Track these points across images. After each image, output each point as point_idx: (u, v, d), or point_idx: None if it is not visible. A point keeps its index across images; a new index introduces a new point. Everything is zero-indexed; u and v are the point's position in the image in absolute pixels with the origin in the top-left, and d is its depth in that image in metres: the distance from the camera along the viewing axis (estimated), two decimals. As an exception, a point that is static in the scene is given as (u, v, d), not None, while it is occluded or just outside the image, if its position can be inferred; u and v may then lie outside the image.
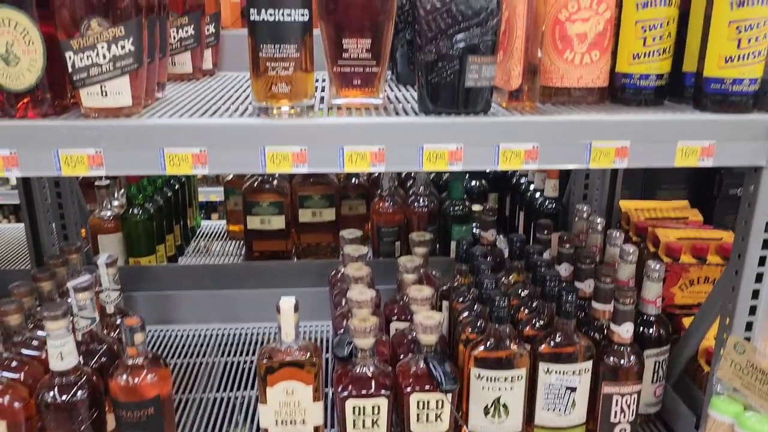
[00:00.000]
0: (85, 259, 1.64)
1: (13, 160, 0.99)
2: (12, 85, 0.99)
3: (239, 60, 1.71)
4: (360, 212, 2.28)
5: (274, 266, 2.00)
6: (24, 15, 0.96)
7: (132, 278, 1.85)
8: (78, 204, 1.90)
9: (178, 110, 1.11)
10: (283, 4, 0.99)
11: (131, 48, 1.00)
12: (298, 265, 2.04)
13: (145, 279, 1.91)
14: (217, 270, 1.98)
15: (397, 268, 1.50)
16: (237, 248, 2.32)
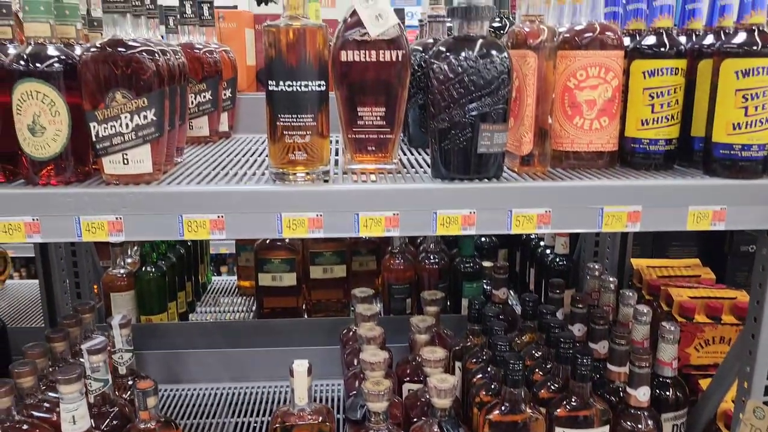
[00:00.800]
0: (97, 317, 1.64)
1: (35, 227, 1.01)
2: (37, 153, 1.02)
3: (254, 122, 1.77)
4: (370, 268, 2.28)
5: (285, 324, 2.00)
6: (51, 87, 1.00)
7: (143, 336, 1.85)
8: (92, 261, 1.92)
9: (196, 176, 1.14)
10: (300, 77, 1.03)
11: (153, 118, 1.03)
12: (309, 322, 2.04)
13: (156, 337, 1.90)
14: (228, 327, 1.97)
15: (409, 328, 1.50)
16: (248, 304, 2.32)
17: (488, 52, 1.04)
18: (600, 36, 1.12)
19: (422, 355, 1.32)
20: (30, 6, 1.00)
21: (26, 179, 1.06)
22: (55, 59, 1.01)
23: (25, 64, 1.00)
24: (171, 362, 1.86)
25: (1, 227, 1.00)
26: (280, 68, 1.03)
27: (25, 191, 1.01)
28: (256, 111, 1.79)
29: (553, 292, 1.57)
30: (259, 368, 1.87)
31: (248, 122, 1.75)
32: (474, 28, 1.05)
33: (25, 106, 1.00)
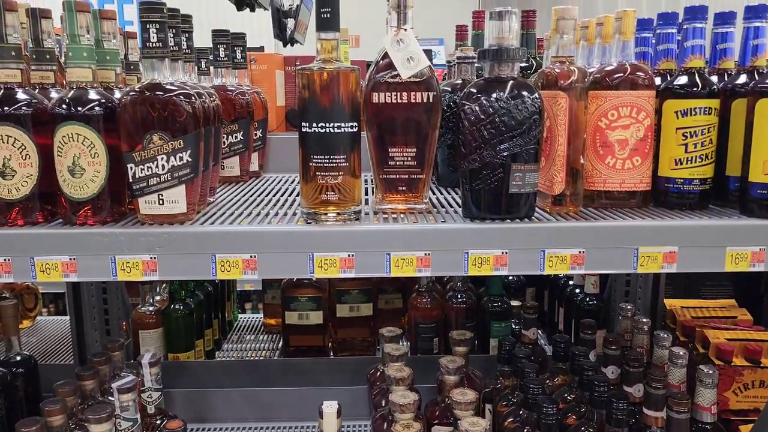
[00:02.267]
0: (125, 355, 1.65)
1: (72, 266, 1.02)
2: (76, 194, 1.05)
3: (283, 161, 1.80)
4: (396, 306, 2.26)
5: (311, 363, 1.98)
6: (91, 130, 1.03)
7: (170, 374, 1.84)
8: (122, 298, 1.93)
9: (228, 215, 1.15)
10: (333, 118, 1.04)
11: (189, 159, 1.05)
12: (336, 361, 2.02)
13: (183, 375, 1.90)
14: (255, 366, 1.96)
15: (438, 368, 1.48)
16: (273, 342, 2.31)
17: (519, 93, 1.04)
18: (631, 76, 1.12)
19: (453, 397, 1.30)
20: (74, 52, 1.04)
21: (64, 219, 1.08)
22: (95, 103, 1.04)
23: (67, 107, 1.03)
24: (197, 401, 1.85)
25: (39, 266, 1.02)
26: (314, 110, 1.04)
27: (62, 231, 1.03)
28: (286, 150, 1.83)
29: (584, 332, 1.54)
30: (286, 408, 1.85)
31: (277, 161, 1.78)
32: (505, 69, 1.05)
33: (66, 148, 1.03)
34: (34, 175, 1.05)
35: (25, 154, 1.03)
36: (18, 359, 1.54)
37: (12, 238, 1.02)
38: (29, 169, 1.04)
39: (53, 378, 1.64)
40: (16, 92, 1.05)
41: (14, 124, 1.02)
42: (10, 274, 1.02)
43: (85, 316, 1.74)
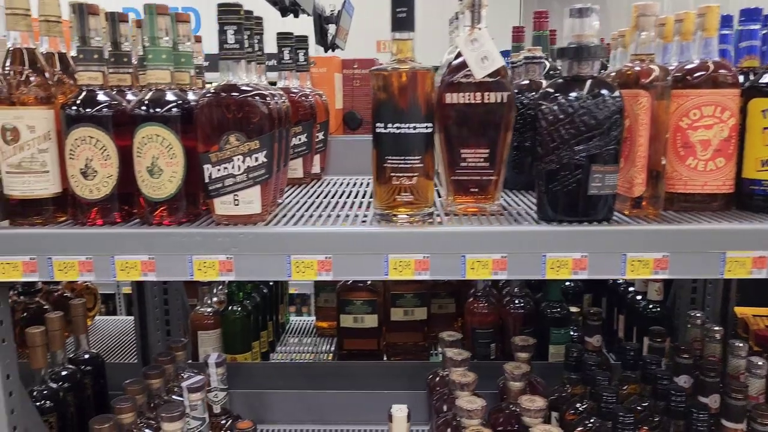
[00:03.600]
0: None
1: (150, 266, 1.04)
2: (154, 194, 1.06)
3: (341, 164, 1.80)
4: (449, 311, 2.24)
5: (367, 366, 1.97)
6: (170, 131, 1.04)
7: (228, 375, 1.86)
8: (181, 299, 1.96)
9: (299, 217, 1.15)
10: (408, 119, 1.03)
11: (264, 160, 1.05)
12: (391, 365, 2.00)
13: (241, 376, 1.91)
14: (310, 369, 1.97)
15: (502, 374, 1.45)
16: (326, 345, 2.31)
17: (600, 92, 1.02)
18: (714, 74, 1.08)
19: (521, 405, 1.27)
20: (153, 54, 1.05)
21: (142, 219, 1.10)
22: (173, 104, 1.05)
23: (147, 109, 1.05)
24: (254, 402, 1.86)
25: (120, 265, 1.03)
26: (389, 110, 1.04)
27: (142, 231, 1.05)
28: (344, 153, 1.83)
29: (653, 341, 1.50)
30: (342, 411, 1.85)
31: (336, 164, 1.78)
32: (585, 67, 1.03)
33: (146, 149, 1.04)
34: (114, 176, 1.06)
35: (106, 154, 1.05)
36: (86, 357, 1.57)
37: (93, 237, 1.04)
38: (110, 169, 1.06)
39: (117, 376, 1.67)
40: (97, 94, 1.07)
41: (96, 125, 1.04)
42: (91, 272, 1.04)
43: (148, 317, 1.76)
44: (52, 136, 1.06)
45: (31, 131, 1.04)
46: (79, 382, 1.50)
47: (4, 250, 1.03)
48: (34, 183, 1.05)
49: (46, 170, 1.06)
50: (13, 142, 1.03)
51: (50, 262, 1.03)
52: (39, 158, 1.05)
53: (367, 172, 1.84)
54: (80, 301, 1.57)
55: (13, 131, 1.03)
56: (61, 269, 1.04)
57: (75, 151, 1.04)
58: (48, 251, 1.03)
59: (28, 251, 1.03)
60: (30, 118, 1.04)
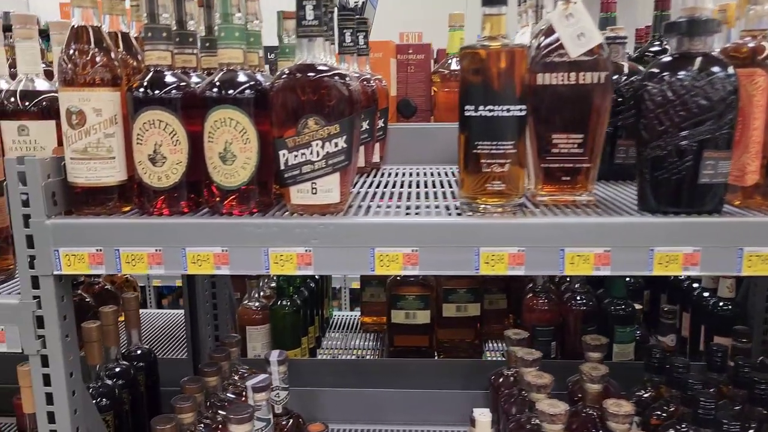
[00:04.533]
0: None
1: (224, 258, 0.97)
2: (226, 182, 0.99)
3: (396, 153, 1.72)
4: (500, 307, 2.17)
5: (420, 364, 1.90)
6: (243, 114, 0.97)
7: (278, 372, 1.80)
8: (228, 293, 1.90)
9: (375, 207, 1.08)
10: (501, 100, 0.95)
11: (344, 145, 0.98)
12: (446, 363, 1.93)
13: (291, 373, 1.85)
14: (362, 366, 1.90)
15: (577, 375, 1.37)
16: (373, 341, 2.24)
17: (712, 71, 0.93)
18: (837, 51, 0.98)
19: (607, 409, 1.19)
20: (226, 32, 0.98)
21: (211, 208, 1.03)
22: (246, 86, 0.98)
23: (219, 91, 0.98)
24: (306, 400, 1.79)
25: (191, 257, 0.97)
26: (481, 91, 0.96)
27: (214, 221, 0.98)
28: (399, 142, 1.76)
29: (738, 341, 1.40)
30: (398, 410, 1.78)
31: (393, 153, 1.70)
32: (697, 44, 0.94)
33: (218, 133, 0.97)
34: (184, 162, 1.00)
35: (176, 139, 0.98)
36: (138, 353, 1.52)
37: (163, 227, 0.97)
38: (179, 155, 0.99)
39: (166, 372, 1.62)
40: (165, 75, 1.00)
41: (166, 108, 0.97)
42: (161, 265, 0.97)
43: (199, 311, 1.71)
44: (119, 120, 1.00)
45: (97, 114, 0.97)
46: (133, 378, 1.44)
47: (70, 240, 0.97)
48: (100, 170, 0.99)
49: (112, 156, 1.00)
50: (79, 126, 0.97)
51: (118, 253, 0.97)
52: (105, 143, 0.99)
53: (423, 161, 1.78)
54: (133, 295, 1.51)
55: (78, 114, 0.97)
56: (129, 261, 0.97)
57: (143, 135, 0.98)
58: (116, 242, 0.97)
59: (94, 242, 0.97)
60: (96, 100, 0.97)
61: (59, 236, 0.97)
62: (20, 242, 0.98)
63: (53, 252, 0.97)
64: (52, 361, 1.01)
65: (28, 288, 0.99)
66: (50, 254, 0.98)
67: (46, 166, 0.97)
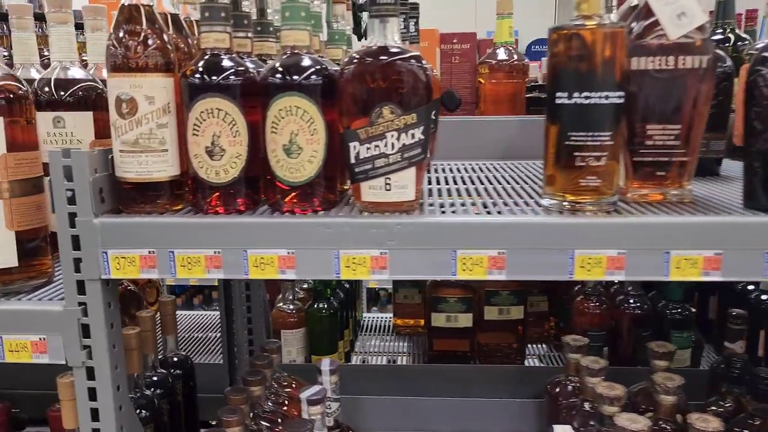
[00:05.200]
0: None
1: (289, 261, 0.88)
2: (290, 177, 0.90)
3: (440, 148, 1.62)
4: (542, 309, 2.08)
5: (463, 370, 1.81)
6: (311, 103, 0.88)
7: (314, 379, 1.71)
8: (262, 295, 1.81)
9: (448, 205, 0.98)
10: (599, 86, 0.86)
11: (421, 137, 0.88)
12: (491, 370, 1.83)
13: (328, 379, 1.76)
14: (404, 372, 1.81)
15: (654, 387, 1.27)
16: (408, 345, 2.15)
17: (837, 54, 0.83)
18: None
19: (694, 425, 1.10)
20: (291, 12, 0.89)
21: (271, 206, 0.94)
22: (312, 71, 0.89)
23: (282, 76, 0.89)
24: (348, 408, 1.69)
25: (253, 261, 0.88)
26: (575, 76, 0.86)
27: (278, 220, 0.89)
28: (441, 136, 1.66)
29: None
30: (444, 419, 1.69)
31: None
32: (821, 23, 0.84)
33: (282, 123, 0.88)
34: (243, 155, 0.91)
35: (235, 130, 0.89)
36: (175, 360, 1.43)
37: (223, 227, 0.88)
38: (238, 148, 0.90)
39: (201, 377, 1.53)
40: (223, 59, 0.91)
41: (225, 96, 0.88)
42: (220, 269, 0.88)
43: (235, 314, 1.62)
44: (172, 109, 0.91)
45: (149, 103, 0.88)
46: (171, 387, 1.36)
47: (120, 241, 0.88)
48: (152, 164, 0.90)
49: (165, 149, 0.91)
50: (130, 116, 0.88)
51: (172, 256, 0.88)
52: (158, 134, 0.90)
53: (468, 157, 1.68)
54: (169, 298, 1.43)
55: (129, 102, 0.88)
56: (185, 265, 0.88)
57: (200, 126, 0.89)
58: (170, 243, 0.88)
59: (146, 243, 0.88)
60: (149, 87, 0.88)
61: (108, 237, 0.88)
62: (65, 244, 0.89)
63: (101, 254, 0.89)
64: (99, 374, 0.93)
65: (73, 294, 0.91)
66: (98, 256, 0.89)
67: (94, 159, 0.88)
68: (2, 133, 0.92)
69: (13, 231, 0.95)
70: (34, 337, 0.91)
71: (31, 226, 0.97)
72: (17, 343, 0.92)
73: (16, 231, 0.95)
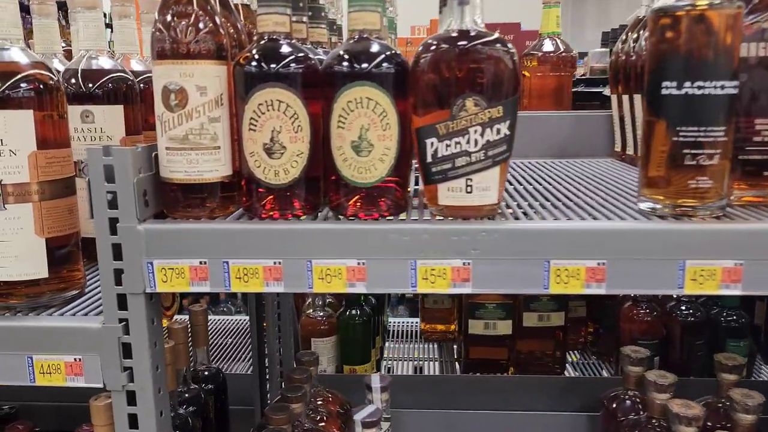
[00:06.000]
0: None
1: (359, 273, 0.78)
2: (359, 178, 0.80)
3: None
4: (580, 315, 1.99)
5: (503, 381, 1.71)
6: (384, 93, 0.78)
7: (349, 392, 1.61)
8: (291, 302, 1.71)
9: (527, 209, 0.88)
10: (714, 75, 0.75)
11: (507, 132, 0.78)
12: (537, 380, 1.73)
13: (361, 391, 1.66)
14: (443, 383, 1.71)
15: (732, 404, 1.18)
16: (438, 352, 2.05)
17: None
18: None
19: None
20: (360, -9, 0.79)
21: (334, 210, 0.84)
22: (383, 58, 0.79)
23: (351, 64, 0.78)
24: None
25: (318, 272, 0.78)
26: (685, 64, 0.76)
27: (345, 227, 0.78)
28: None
29: None
30: (488, 434, 1.59)
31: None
32: None
33: (351, 117, 0.78)
34: (305, 153, 0.80)
35: (297, 125, 0.79)
36: (206, 373, 1.33)
37: (284, 234, 0.78)
38: (300, 144, 0.80)
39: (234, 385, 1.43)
40: (282, 45, 0.80)
41: (287, 86, 0.78)
42: (280, 281, 0.78)
43: (268, 322, 1.51)
44: (224, 101, 0.81)
45: (201, 94, 0.78)
46: (204, 404, 1.25)
47: (167, 250, 0.78)
48: (203, 163, 0.80)
49: (217, 146, 0.80)
50: (179, 108, 0.78)
51: (227, 267, 0.78)
52: (209, 130, 0.79)
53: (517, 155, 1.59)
54: (200, 307, 1.32)
55: (179, 93, 0.77)
56: (240, 277, 0.78)
57: (257, 120, 0.78)
58: (224, 253, 0.78)
59: (197, 252, 0.78)
60: (201, 76, 0.78)
61: (154, 245, 0.78)
62: (105, 253, 0.79)
63: (146, 265, 0.78)
64: (141, 398, 0.82)
65: (113, 309, 0.80)
66: (142, 267, 0.78)
67: (138, 158, 0.78)
68: (32, 129, 0.82)
69: (44, 238, 0.84)
70: (68, 358, 0.81)
71: (62, 232, 0.87)
72: (49, 365, 0.82)
73: (46, 238, 0.85)
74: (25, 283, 0.84)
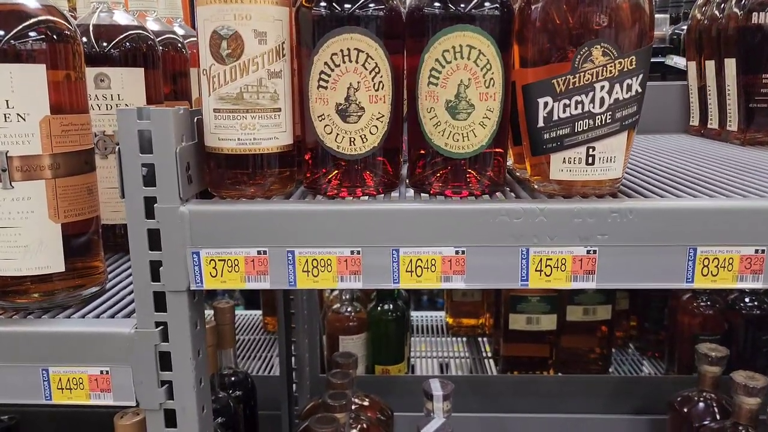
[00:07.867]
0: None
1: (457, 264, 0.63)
2: (455, 147, 0.65)
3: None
4: (622, 308, 1.86)
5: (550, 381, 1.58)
6: (489, 40, 0.62)
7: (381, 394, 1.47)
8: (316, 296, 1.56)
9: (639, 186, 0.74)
10: None
11: (638, 89, 0.63)
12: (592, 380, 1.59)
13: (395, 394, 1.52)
14: (482, 383, 1.57)
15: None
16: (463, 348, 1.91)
17: None
18: None
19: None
20: None
21: (415, 186, 0.69)
22: (483, -2, 0.63)
23: (445, 4, 0.63)
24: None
25: (406, 264, 0.62)
26: None
27: (441, 207, 0.63)
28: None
29: None
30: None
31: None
32: None
33: (447, 70, 0.63)
34: (386, 117, 0.65)
35: (378, 81, 0.64)
36: (233, 379, 1.18)
37: (363, 216, 0.62)
38: (381, 106, 0.64)
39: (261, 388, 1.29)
40: (356, -16, 0.65)
41: (367, 32, 0.62)
42: (358, 275, 0.63)
43: (297, 320, 1.36)
44: (286, 52, 0.65)
45: (260, 41, 0.62)
46: (233, 413, 1.10)
47: (216, 238, 0.62)
48: (260, 128, 0.64)
49: (278, 107, 0.65)
50: (232, 59, 0.62)
51: (291, 257, 0.63)
52: (269, 87, 0.64)
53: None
54: (227, 304, 1.17)
55: (233, 40, 0.62)
56: (309, 270, 0.63)
57: (330, 75, 0.63)
58: (288, 240, 0.62)
59: (254, 240, 0.63)
60: (260, 18, 0.62)
61: (200, 231, 0.62)
62: (138, 241, 0.63)
63: (191, 255, 0.63)
64: (183, 420, 0.67)
65: (149, 310, 0.65)
66: (186, 258, 0.63)
67: (180, 122, 0.62)
68: (44, 88, 0.66)
69: (59, 223, 0.68)
70: (92, 370, 0.66)
71: (81, 216, 0.71)
72: (69, 379, 0.66)
73: (62, 223, 0.69)
74: (37, 278, 0.69)
